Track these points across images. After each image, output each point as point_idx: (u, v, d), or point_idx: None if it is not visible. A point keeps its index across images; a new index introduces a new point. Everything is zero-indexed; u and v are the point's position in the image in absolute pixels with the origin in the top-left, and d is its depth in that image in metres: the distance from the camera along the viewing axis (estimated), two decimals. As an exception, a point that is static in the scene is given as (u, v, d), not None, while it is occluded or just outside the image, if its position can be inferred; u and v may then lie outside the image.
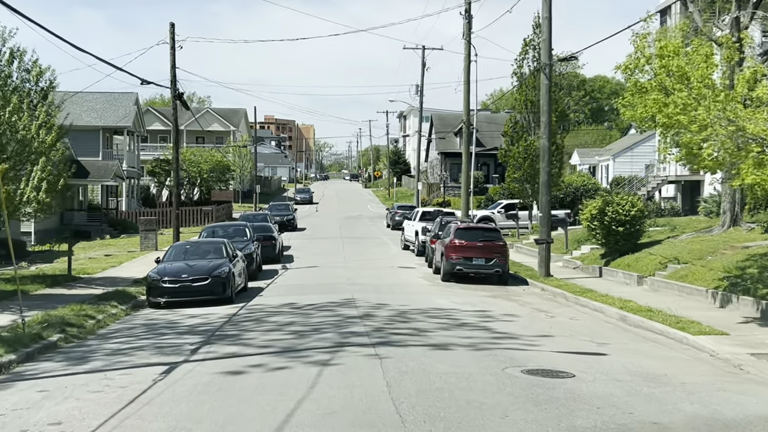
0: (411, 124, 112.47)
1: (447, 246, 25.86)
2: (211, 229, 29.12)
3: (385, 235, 47.55)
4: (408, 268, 30.55)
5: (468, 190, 42.02)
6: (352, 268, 30.08)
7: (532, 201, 45.06)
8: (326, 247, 39.52)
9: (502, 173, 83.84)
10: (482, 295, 22.79)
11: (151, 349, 14.47)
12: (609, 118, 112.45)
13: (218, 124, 79.78)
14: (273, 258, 32.38)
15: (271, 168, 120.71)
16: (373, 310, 19.03)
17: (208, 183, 62.26)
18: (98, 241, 45.41)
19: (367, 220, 61.22)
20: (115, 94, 57.72)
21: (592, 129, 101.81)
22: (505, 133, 45.84)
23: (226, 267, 21.29)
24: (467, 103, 40.80)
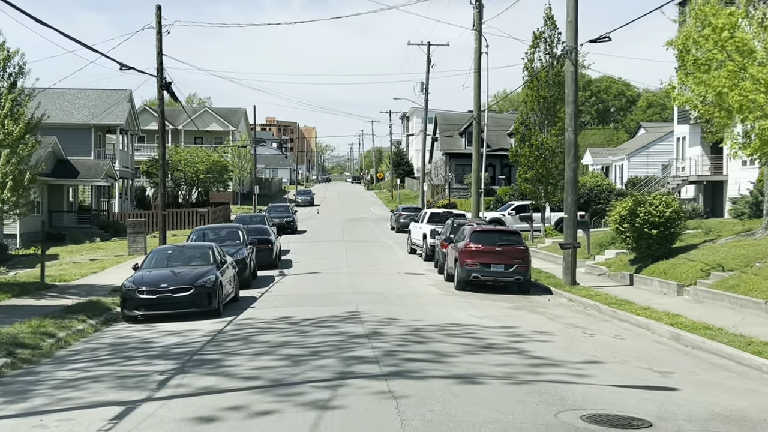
0: (414, 125, 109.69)
1: (462, 251, 23.00)
2: (200, 231, 26.23)
3: (389, 239, 44.70)
4: (416, 275, 27.69)
5: (479, 191, 39.16)
6: (355, 275, 27.23)
7: (545, 202, 42.13)
8: (328, 251, 36.68)
9: (509, 174, 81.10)
10: (504, 307, 19.91)
11: (111, 380, 11.61)
12: (615, 118, 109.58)
13: (217, 124, 76.93)
14: (270, 263, 29.55)
15: (271, 170, 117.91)
16: (381, 326, 16.17)
17: (205, 184, 59.27)
18: (87, 245, 42.56)
19: (370, 222, 58.36)
20: (108, 91, 54.93)
21: (599, 130, 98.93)
22: (516, 131, 42.80)
23: (212, 275, 18.44)
24: (477, 98, 37.95)
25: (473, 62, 37.78)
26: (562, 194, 42.93)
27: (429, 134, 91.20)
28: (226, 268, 19.92)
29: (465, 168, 76.89)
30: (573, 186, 23.81)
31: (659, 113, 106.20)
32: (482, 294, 22.42)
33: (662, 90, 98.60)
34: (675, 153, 47.08)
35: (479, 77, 37.90)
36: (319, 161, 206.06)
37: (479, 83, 37.87)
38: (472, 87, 38.23)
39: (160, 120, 26.33)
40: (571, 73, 23.53)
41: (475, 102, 38.17)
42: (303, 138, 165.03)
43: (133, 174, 57.98)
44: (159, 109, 26.26)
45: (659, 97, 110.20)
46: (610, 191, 48.79)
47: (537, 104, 41.70)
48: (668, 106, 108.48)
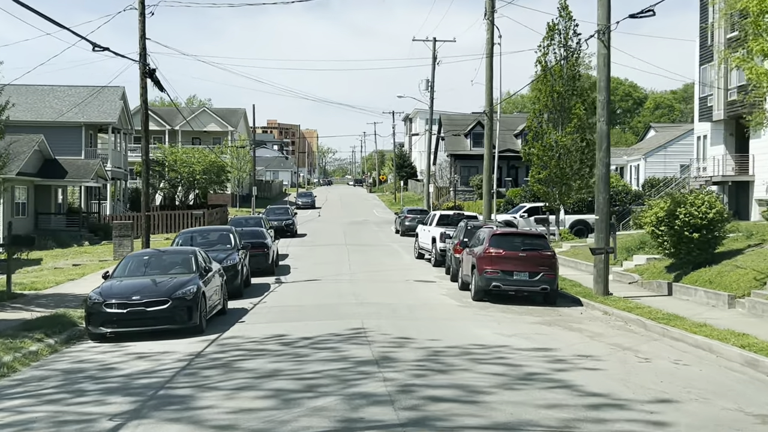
0: (417, 127, 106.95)
1: (480, 257, 20.18)
2: (187, 235, 23.38)
3: (394, 242, 41.89)
4: (427, 283, 24.87)
5: (490, 191, 36.38)
6: (359, 283, 24.43)
7: (559, 204, 39.26)
8: (329, 256, 33.87)
9: (515, 176, 78.23)
10: (532, 322, 17.09)
11: (44, 428, 8.81)
12: (622, 120, 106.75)
13: (215, 125, 74.13)
14: (265, 269, 26.78)
15: (272, 172, 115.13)
16: (392, 348, 13.36)
17: (202, 185, 56.42)
18: (74, 248, 39.79)
19: (373, 225, 55.54)
20: (100, 88, 52.14)
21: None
22: (528, 129, 39.88)
23: (193, 285, 15.62)
24: (489, 91, 35.16)
25: (485, 53, 35.04)
26: (577, 195, 40.31)
27: (434, 134, 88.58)
28: (211, 277, 17.13)
29: (470, 170, 74.14)
30: (605, 183, 21.00)
31: (667, 115, 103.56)
32: (503, 305, 19.59)
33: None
34: (695, 152, 44.28)
35: (491, 69, 35.16)
36: (320, 164, 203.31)
37: (491, 76, 35.12)
38: (484, 81, 35.49)
39: (143, 111, 23.54)
40: (603, 57, 20.71)
41: (486, 96, 35.38)
42: (304, 139, 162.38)
43: (127, 175, 55.18)
44: (141, 99, 23.49)
45: (667, 98, 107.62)
46: (626, 193, 46.04)
47: (550, 100, 38.79)
48: (676, 108, 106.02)
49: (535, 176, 39.06)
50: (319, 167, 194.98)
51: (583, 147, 38.34)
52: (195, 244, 22.73)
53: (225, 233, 23.12)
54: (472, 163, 75.20)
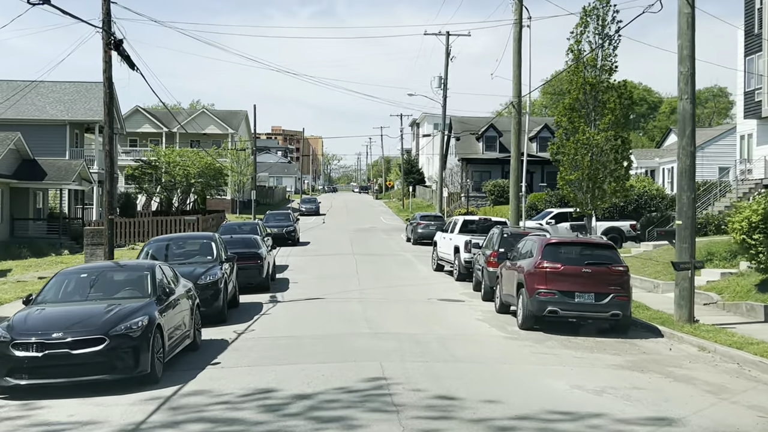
0: (425, 131, 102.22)
1: (531, 273, 15.37)
2: (160, 244, 18.50)
3: (406, 252, 37.09)
4: (454, 302, 20.06)
5: (518, 194, 31.67)
6: (372, 302, 19.63)
7: (592, 209, 34.30)
8: (334, 268, 29.09)
9: (530, 181, 73.16)
10: (613, 365, 12.26)
11: None
12: (636, 125, 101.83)
13: (215, 127, 69.39)
14: (259, 284, 22.04)
15: (276, 178, 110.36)
16: (433, 420, 8.58)
17: (197, 189, 51.51)
18: (50, 258, 35.07)
19: (381, 233, 50.72)
20: (87, 84, 47.54)
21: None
22: (557, 124, 34.74)
23: (142, 316, 10.83)
24: (518, 79, 30.47)
25: (512, 37, 30.34)
26: (612, 199, 35.52)
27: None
28: (175, 302, 12.34)
29: (483, 175, 69.34)
30: (690, 179, 16.26)
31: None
32: (563, 337, 14.78)
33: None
34: (738, 153, 39.50)
35: (519, 55, 30.47)
36: (325, 171, 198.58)
37: (519, 62, 30.43)
38: (510, 68, 30.75)
39: (105, 90, 18.82)
40: (686, 17, 15.93)
41: (514, 86, 30.68)
42: (309, 146, 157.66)
43: (116, 177, 50.35)
44: (105, 76, 18.78)
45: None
46: (662, 198, 41.24)
47: (583, 93, 33.91)
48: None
49: (564, 177, 33.91)
50: (323, 174, 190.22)
51: (617, 145, 33.38)
52: (170, 255, 17.98)
53: (206, 242, 18.23)
54: (485, 167, 70.44)
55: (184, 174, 48.98)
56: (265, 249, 23.33)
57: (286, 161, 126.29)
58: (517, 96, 30.83)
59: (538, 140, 72.22)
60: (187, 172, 49.10)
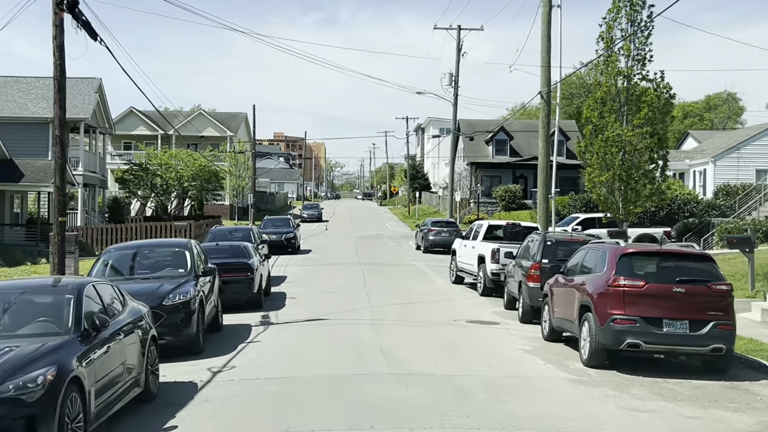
0: (430, 137, 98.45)
1: (601, 293, 11.45)
2: (121, 253, 14.43)
3: (418, 261, 33.16)
4: (487, 325, 16.15)
5: (548, 195, 27.85)
6: (386, 326, 15.72)
7: (624, 214, 30.34)
8: (339, 280, 25.19)
9: (542, 187, 69.43)
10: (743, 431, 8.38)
11: None
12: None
13: (213, 129, 65.54)
14: (249, 301, 18.16)
15: (277, 184, 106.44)
16: None
17: (190, 193, 47.48)
18: (25, 267, 31.16)
19: (388, 240, 46.80)
20: (73, 80, 43.33)
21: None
22: (586, 120, 30.70)
23: (47, 366, 6.88)
24: (546, 66, 26.65)
25: (540, 18, 26.53)
26: (647, 204, 31.71)
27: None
28: (112, 338, 8.43)
29: (492, 180, 65.46)
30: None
31: (697, 124, 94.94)
32: (648, 379, 10.84)
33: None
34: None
35: (548, 40, 26.68)
36: (328, 178, 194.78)
37: (548, 47, 26.62)
38: (539, 53, 26.94)
39: (56, 63, 15.00)
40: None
41: (543, 74, 26.86)
42: (311, 152, 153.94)
43: (105, 181, 46.47)
44: (55, 43, 14.92)
45: (697, 107, 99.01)
46: (696, 202, 37.35)
47: (614, 86, 30.02)
48: (705, 117, 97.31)
49: (594, 179, 29.94)
50: (326, 181, 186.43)
51: (652, 144, 29.46)
52: (136, 267, 14.08)
53: (178, 251, 14.20)
54: (495, 172, 66.54)
55: (177, 177, 45.04)
56: (257, 259, 19.40)
57: (288, 167, 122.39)
58: (546, 85, 26.99)
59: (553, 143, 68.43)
60: (180, 174, 45.17)
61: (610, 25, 29.42)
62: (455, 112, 47.30)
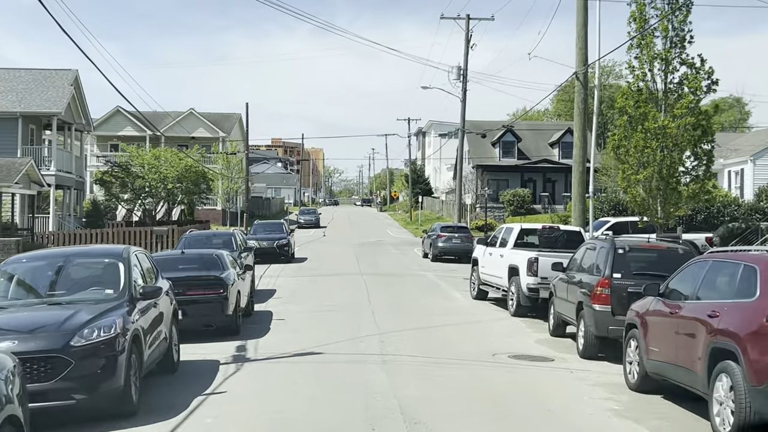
0: (432, 141, 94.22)
1: (753, 333, 7.11)
2: (29, 265, 9.64)
3: (427, 270, 28.79)
4: (540, 362, 11.77)
5: (584, 194, 23.59)
6: (402, 365, 11.31)
7: (664, 217, 25.89)
8: (338, 294, 20.82)
9: (552, 191, 64.99)
10: None
11: None
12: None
13: (205, 130, 61.11)
14: (222, 325, 13.82)
15: (274, 189, 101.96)
16: None
17: (176, 196, 42.94)
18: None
19: (391, 247, 42.45)
20: (46, 72, 39.36)
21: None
22: (621, 111, 26.11)
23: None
24: (583, 43, 22.40)
25: (576, -14, 22.23)
26: (688, 205, 27.51)
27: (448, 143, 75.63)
28: None
29: (499, 183, 61.09)
30: None
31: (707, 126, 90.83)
32: None
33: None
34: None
35: (585, 12, 22.41)
36: (326, 184, 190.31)
37: (585, 20, 22.40)
38: (574, 33, 22.63)
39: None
40: None
41: (578, 52, 22.61)
42: (309, 156, 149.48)
43: (82, 182, 41.97)
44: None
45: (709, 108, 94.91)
46: (737, 205, 33.01)
47: (651, 72, 25.59)
48: (715, 120, 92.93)
49: (629, 176, 25.46)
50: (324, 187, 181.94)
51: (696, 137, 25.07)
52: (47, 285, 9.63)
53: (110, 263, 9.68)
54: (502, 175, 62.19)
55: (160, 178, 40.56)
56: (235, 271, 15.00)
57: (286, 172, 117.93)
58: (583, 63, 22.71)
59: (560, 146, 64.02)
60: (164, 176, 40.71)
61: (641, 3, 25.12)
62: (464, 107, 42.97)
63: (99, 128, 59.92)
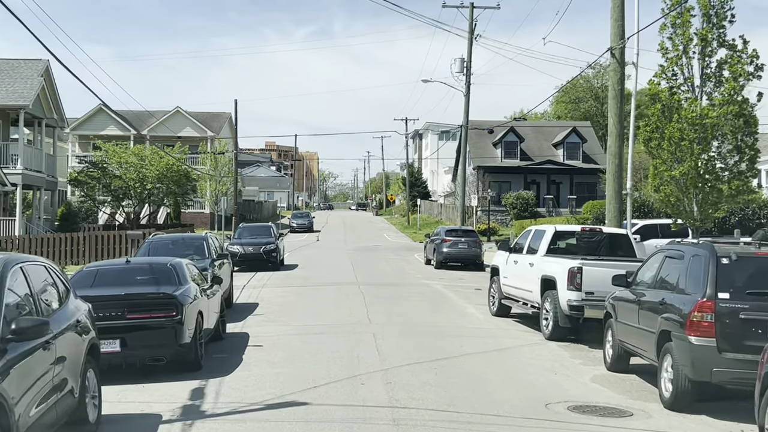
0: (429, 144, 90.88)
1: None
2: None
3: (432, 279, 25.26)
4: (614, 419, 8.23)
5: (621, 190, 20.20)
6: (421, 429, 7.80)
7: (701, 219, 22.39)
8: (331, 310, 17.23)
9: (557, 193, 61.64)
10: None
11: None
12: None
13: (192, 129, 57.44)
14: (177, 357, 10.32)
15: (267, 193, 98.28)
16: None
17: (154, 197, 39.04)
18: None
19: (389, 252, 38.94)
20: (13, 62, 35.71)
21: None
22: (653, 98, 22.44)
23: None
24: (619, 14, 18.94)
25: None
26: (726, 205, 24.16)
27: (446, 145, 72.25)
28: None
29: (501, 186, 57.53)
30: None
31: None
32: None
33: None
34: None
35: (621, -23, 18.89)
36: (321, 189, 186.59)
37: (622, -13, 18.83)
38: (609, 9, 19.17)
39: None
40: None
41: (614, 24, 19.18)
42: (303, 160, 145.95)
43: (54, 183, 38.25)
44: None
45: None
46: (777, 206, 29.59)
47: (684, 53, 22.06)
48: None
49: (662, 172, 21.91)
50: (319, 192, 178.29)
51: (738, 126, 21.57)
52: None
53: None
54: (504, 177, 58.70)
55: (139, 178, 36.89)
56: (196, 287, 11.45)
57: (279, 175, 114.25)
58: (620, 36, 19.26)
59: (564, 146, 60.55)
60: (143, 175, 37.05)
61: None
62: (467, 102, 39.46)
63: (81, 127, 56.36)
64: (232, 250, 27.16)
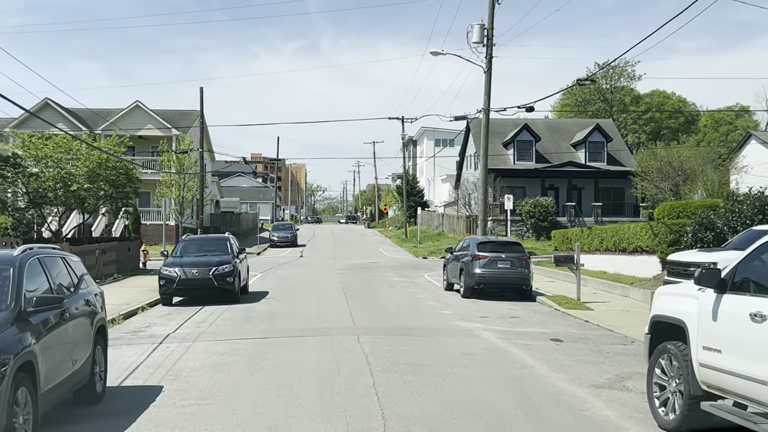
0: (424, 150, 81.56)
1: None
2: None
3: (468, 320, 15.82)
4: None
5: None
6: None
7: None
8: (308, 394, 7.68)
9: (578, 199, 52.31)
10: None
11: None
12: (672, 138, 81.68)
13: (154, 127, 47.92)
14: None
15: (249, 204, 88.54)
16: None
17: (86, 202, 29.02)
18: None
19: (390, 272, 29.37)
20: None
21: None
22: None
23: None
24: None
25: None
26: None
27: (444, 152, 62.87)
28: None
29: (515, 191, 47.94)
30: None
31: (732, 132, 78.94)
32: None
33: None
34: None
35: None
36: (309, 202, 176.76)
37: None
38: None
39: None
40: None
41: None
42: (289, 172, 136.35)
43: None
44: None
45: (728, 115, 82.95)
46: None
47: None
48: (739, 126, 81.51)
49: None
50: (307, 205, 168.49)
51: None
52: None
53: None
54: (517, 182, 49.33)
55: (61, 177, 27.16)
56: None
57: (263, 186, 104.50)
58: None
59: (586, 146, 51.18)
60: (68, 173, 27.32)
61: None
62: (488, 78, 30.02)
63: (24, 125, 46.79)
64: (166, 273, 17.65)
